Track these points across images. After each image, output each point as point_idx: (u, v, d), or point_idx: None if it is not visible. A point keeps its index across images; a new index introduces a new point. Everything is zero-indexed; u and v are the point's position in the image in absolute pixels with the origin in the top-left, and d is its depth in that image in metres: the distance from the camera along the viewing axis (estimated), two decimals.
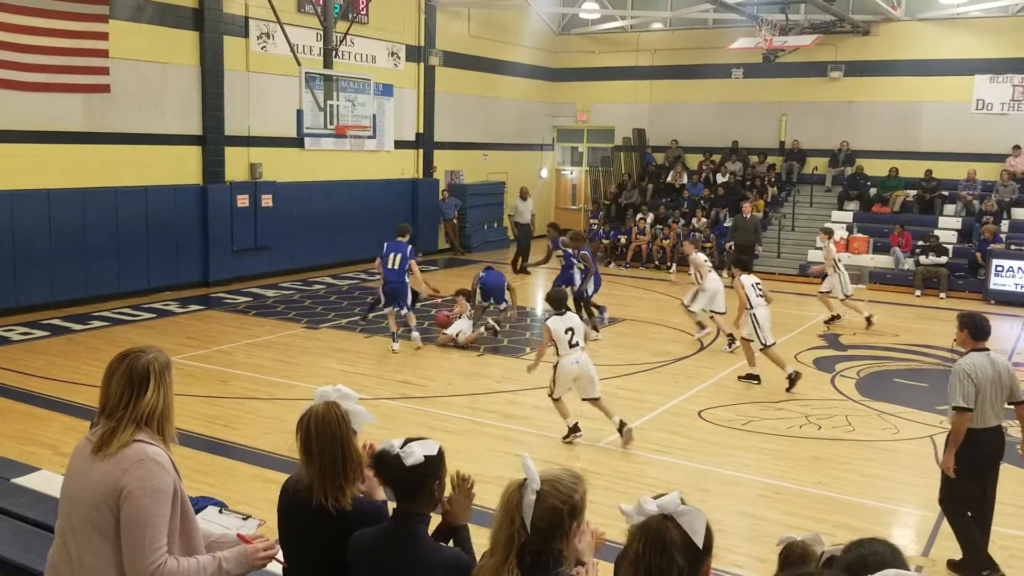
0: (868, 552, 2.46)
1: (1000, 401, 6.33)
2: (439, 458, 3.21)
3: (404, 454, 3.12)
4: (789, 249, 21.49)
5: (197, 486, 7.02)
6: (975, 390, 6.20)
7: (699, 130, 25.06)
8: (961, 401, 6.22)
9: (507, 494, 2.81)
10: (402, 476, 3.13)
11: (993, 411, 6.29)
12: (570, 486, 2.83)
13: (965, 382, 6.22)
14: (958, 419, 6.27)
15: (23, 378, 10.85)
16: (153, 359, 3.19)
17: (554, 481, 2.81)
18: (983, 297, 18.29)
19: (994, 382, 6.27)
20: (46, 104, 14.55)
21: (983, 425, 6.28)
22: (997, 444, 6.39)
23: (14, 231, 14.22)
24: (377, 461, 3.23)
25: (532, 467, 2.80)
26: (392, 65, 21.58)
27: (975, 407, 6.21)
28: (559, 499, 2.78)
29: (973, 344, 6.46)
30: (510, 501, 2.78)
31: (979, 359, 6.33)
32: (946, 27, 22.07)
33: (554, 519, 2.77)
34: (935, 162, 21.76)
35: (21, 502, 5.11)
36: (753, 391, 11.09)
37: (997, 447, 6.40)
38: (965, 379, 6.22)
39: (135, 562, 3.01)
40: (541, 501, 2.75)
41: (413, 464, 3.11)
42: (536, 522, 2.74)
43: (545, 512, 2.75)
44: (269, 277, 18.54)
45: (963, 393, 6.21)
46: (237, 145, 17.86)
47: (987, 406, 6.26)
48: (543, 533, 2.76)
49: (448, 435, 8.82)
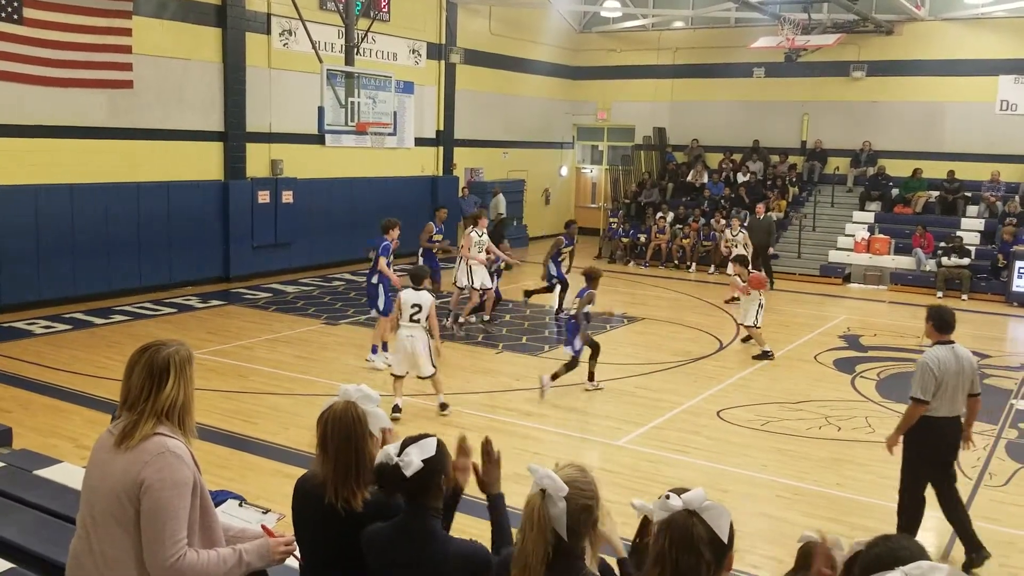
0: (897, 546, 2.46)
1: (962, 393, 6.49)
2: (439, 455, 3.18)
3: (403, 464, 3.09)
4: (810, 249, 21.37)
5: (217, 480, 7.08)
6: (935, 383, 6.35)
7: (720, 129, 24.97)
8: (919, 393, 6.40)
9: (534, 512, 2.68)
10: (406, 484, 3.12)
11: (952, 403, 6.45)
12: (585, 480, 2.80)
13: (927, 375, 6.38)
14: (912, 409, 6.46)
15: (45, 371, 10.94)
16: (174, 352, 3.21)
17: (571, 482, 2.76)
18: (1005, 299, 18.14)
19: (957, 374, 6.42)
20: (70, 99, 14.67)
21: (946, 415, 6.44)
22: (953, 434, 6.56)
23: (38, 225, 14.35)
24: (378, 474, 3.20)
25: (554, 476, 2.70)
26: (413, 62, 21.61)
27: (938, 399, 6.38)
28: (585, 496, 2.74)
29: (938, 336, 6.61)
30: (541, 519, 2.67)
31: (943, 352, 6.48)
32: (970, 27, 21.87)
33: (587, 516, 2.74)
34: (958, 163, 21.59)
35: (43, 494, 5.17)
36: (773, 392, 11.04)
37: (953, 437, 6.57)
38: (927, 372, 6.38)
39: (155, 554, 3.03)
40: (571, 504, 2.69)
41: (414, 473, 3.10)
42: (571, 526, 2.69)
43: (580, 513, 2.71)
44: (289, 273, 18.62)
45: (922, 385, 6.39)
46: (258, 141, 17.95)
47: (949, 398, 6.42)
48: (578, 533, 2.73)
49: (465, 432, 8.81)
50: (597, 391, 10.82)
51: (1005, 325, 16.52)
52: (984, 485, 8.10)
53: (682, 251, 22.06)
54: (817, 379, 11.75)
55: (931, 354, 6.48)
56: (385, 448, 3.21)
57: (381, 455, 3.20)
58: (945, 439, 6.52)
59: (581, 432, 9.38)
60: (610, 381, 11.29)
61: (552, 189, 27.75)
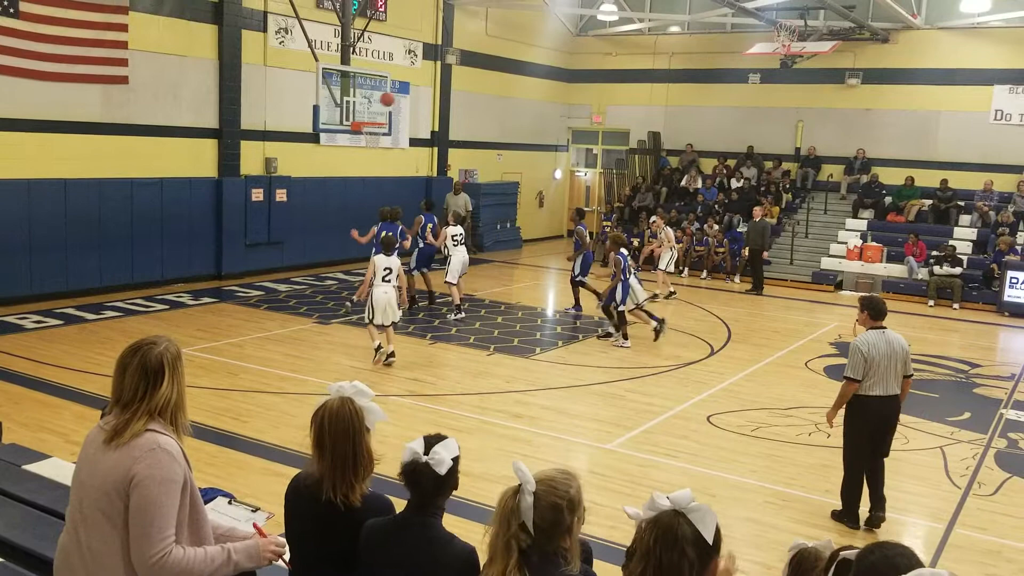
0: (894, 553, 2.46)
1: (894, 374, 7.11)
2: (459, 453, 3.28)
3: (434, 463, 3.15)
4: (802, 256, 21.43)
5: (206, 477, 7.06)
6: (865, 364, 7.04)
7: (714, 134, 25.02)
8: (849, 372, 7.18)
9: (503, 501, 2.82)
10: (437, 481, 3.17)
11: (884, 383, 7.09)
12: (565, 482, 2.86)
13: (857, 356, 7.09)
14: (845, 387, 7.26)
15: (36, 366, 10.91)
16: (165, 350, 3.21)
17: (548, 480, 2.84)
18: (997, 309, 18.20)
19: (888, 356, 7.05)
20: (65, 94, 14.64)
21: (874, 394, 7.10)
22: (887, 410, 7.18)
23: (30, 219, 14.31)
24: (410, 472, 3.21)
25: (525, 469, 2.82)
26: (409, 63, 21.61)
27: (871, 378, 7.06)
28: (557, 495, 2.80)
29: (872, 323, 7.29)
30: (506, 507, 2.80)
31: (874, 336, 7.15)
32: (966, 36, 21.96)
33: (555, 516, 2.79)
34: (952, 172, 21.66)
35: (32, 488, 5.15)
36: (763, 397, 11.05)
37: (887, 413, 7.20)
38: (858, 354, 7.09)
39: (141, 550, 3.03)
40: (540, 501, 2.78)
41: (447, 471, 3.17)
42: (538, 522, 2.76)
43: (546, 511, 2.78)
44: (281, 271, 18.60)
45: (853, 365, 7.13)
46: (253, 139, 17.93)
47: (881, 377, 7.08)
48: (546, 532, 2.78)
49: (456, 434, 8.74)
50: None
51: (996, 335, 16.58)
52: (973, 494, 8.13)
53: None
54: (808, 385, 11.78)
55: (862, 338, 7.18)
56: (409, 445, 3.23)
57: (408, 453, 3.22)
58: (880, 415, 7.16)
59: (571, 435, 9.38)
60: (601, 385, 11.30)
61: (546, 192, 27.77)
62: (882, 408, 7.16)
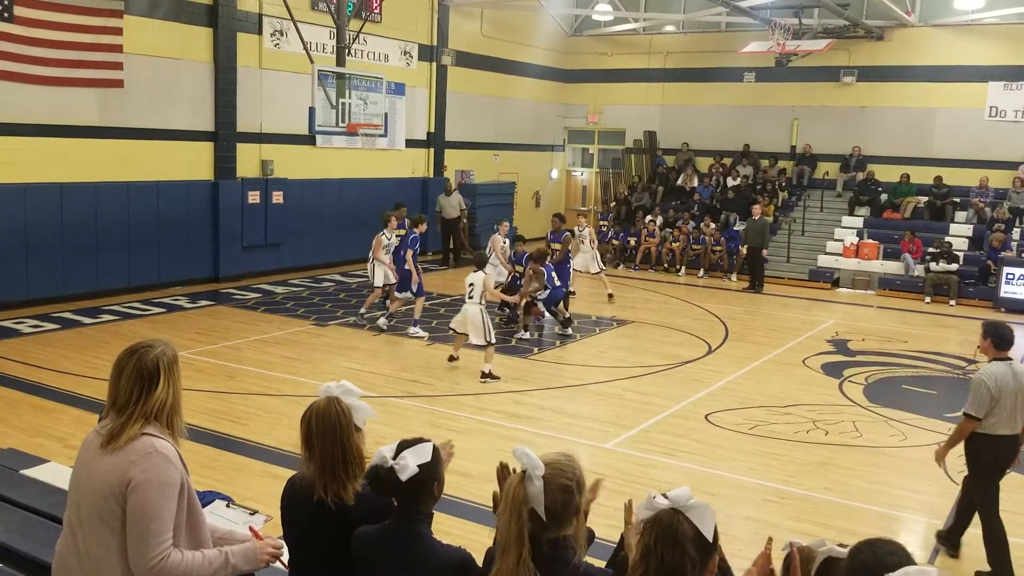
0: (884, 552, 2.45)
1: (1021, 412, 6.30)
2: (434, 461, 3.14)
3: (398, 468, 3.06)
4: (799, 254, 21.45)
5: (204, 481, 7.06)
6: (991, 400, 6.21)
7: (710, 133, 25.03)
8: (971, 409, 6.28)
9: (510, 489, 2.72)
10: (401, 487, 3.09)
11: (1011, 421, 6.28)
12: (569, 463, 2.81)
13: (983, 391, 6.22)
14: (963, 425, 6.37)
15: (33, 370, 10.90)
16: (161, 353, 3.21)
17: (553, 464, 2.77)
18: (993, 305, 18.23)
19: (1015, 393, 6.25)
20: (60, 98, 14.62)
21: (1006, 433, 6.29)
22: (1011, 452, 6.38)
23: (26, 224, 14.28)
24: (372, 477, 3.16)
25: (530, 453, 2.73)
26: (404, 64, 21.61)
27: (995, 416, 6.23)
28: (565, 477, 2.75)
29: (996, 353, 6.43)
30: (516, 496, 2.70)
31: (1001, 369, 6.31)
32: (960, 33, 21.99)
33: (567, 498, 2.74)
34: (947, 169, 21.70)
35: (30, 493, 5.15)
36: (761, 396, 11.07)
37: (1009, 457, 6.39)
38: (983, 389, 6.23)
39: (139, 554, 3.03)
40: (549, 484, 2.71)
41: (409, 477, 3.07)
42: (549, 506, 2.70)
43: (557, 493, 2.72)
44: (279, 274, 18.59)
45: (976, 402, 6.25)
46: (249, 142, 17.92)
47: (1007, 416, 6.26)
48: (558, 516, 2.73)
49: (454, 434, 8.82)
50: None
51: None
52: None
53: (671, 254, 22.10)
54: (805, 383, 11.80)
55: (987, 370, 6.33)
56: (380, 450, 3.19)
57: (376, 456, 3.17)
58: (1004, 457, 6.38)
59: (569, 435, 9.38)
60: (598, 384, 11.31)
61: (542, 192, 27.77)
62: (1007, 449, 6.35)
